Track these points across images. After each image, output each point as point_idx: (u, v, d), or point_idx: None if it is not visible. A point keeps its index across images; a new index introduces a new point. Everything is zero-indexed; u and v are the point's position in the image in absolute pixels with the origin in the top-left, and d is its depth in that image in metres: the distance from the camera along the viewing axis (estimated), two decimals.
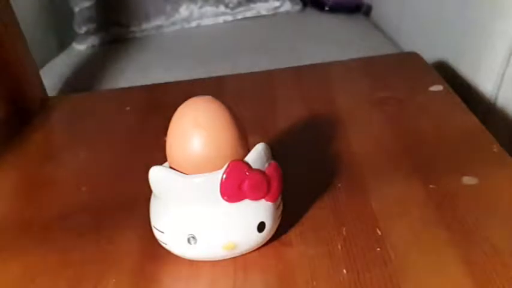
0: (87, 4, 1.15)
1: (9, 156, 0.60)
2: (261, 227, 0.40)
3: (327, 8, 1.20)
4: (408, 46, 0.95)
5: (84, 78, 0.99)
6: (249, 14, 1.19)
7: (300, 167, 0.51)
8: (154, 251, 0.42)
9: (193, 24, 1.17)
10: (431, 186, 0.47)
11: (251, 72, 0.76)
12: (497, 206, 0.45)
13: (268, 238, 0.42)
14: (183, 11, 1.16)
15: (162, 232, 0.40)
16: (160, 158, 0.41)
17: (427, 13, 0.90)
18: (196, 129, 0.39)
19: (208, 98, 0.41)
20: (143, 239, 0.44)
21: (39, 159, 0.60)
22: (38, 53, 0.84)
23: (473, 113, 0.57)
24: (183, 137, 0.39)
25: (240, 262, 0.41)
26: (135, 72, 0.96)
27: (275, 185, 0.40)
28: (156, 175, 0.40)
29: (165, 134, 0.41)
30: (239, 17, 1.19)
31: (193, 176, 0.39)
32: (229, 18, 1.18)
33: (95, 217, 0.48)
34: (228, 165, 0.38)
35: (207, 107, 0.40)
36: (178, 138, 0.40)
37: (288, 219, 0.44)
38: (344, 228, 0.43)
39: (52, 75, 0.98)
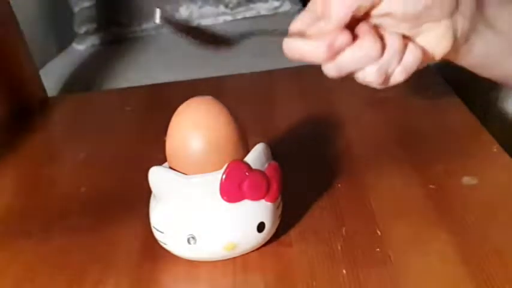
0: (87, 4, 1.15)
1: (9, 156, 0.60)
2: (260, 227, 0.40)
3: None
4: None
5: (84, 78, 0.99)
6: (248, 14, 1.19)
7: (300, 167, 0.51)
8: (154, 251, 0.42)
9: (193, 24, 1.17)
10: (431, 186, 0.47)
11: (251, 72, 0.76)
12: (497, 206, 0.44)
13: (268, 238, 0.42)
14: (183, 11, 1.16)
15: (161, 232, 0.40)
16: (161, 158, 0.41)
17: None
18: (196, 130, 0.39)
19: (208, 98, 0.41)
20: (143, 239, 0.44)
21: (39, 159, 0.60)
22: (38, 53, 0.84)
23: (473, 113, 0.57)
24: (182, 138, 0.39)
25: (239, 262, 0.41)
26: (135, 72, 0.96)
27: (275, 185, 0.40)
28: (156, 175, 0.40)
29: (165, 134, 0.41)
30: (239, 17, 1.19)
31: (192, 176, 0.39)
32: (229, 18, 1.18)
33: (95, 217, 0.48)
34: (228, 165, 0.38)
35: (206, 107, 0.40)
36: (178, 139, 0.40)
37: (288, 219, 0.43)
38: (344, 228, 0.43)
39: (52, 75, 0.98)
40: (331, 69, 0.42)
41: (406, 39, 0.43)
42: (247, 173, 0.39)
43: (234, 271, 0.41)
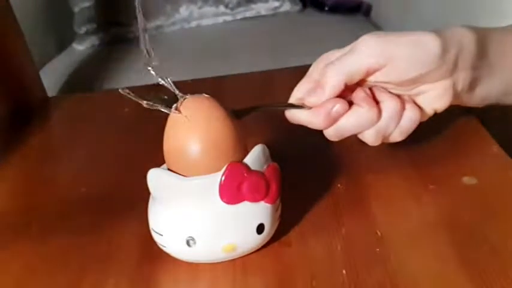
0: (87, 4, 1.15)
1: (9, 156, 0.60)
2: (260, 228, 0.40)
3: (326, 8, 1.20)
4: None
5: (84, 79, 1.00)
6: (248, 14, 1.19)
7: (300, 167, 0.51)
8: (153, 252, 0.42)
9: (193, 24, 1.17)
10: (431, 186, 0.47)
11: (251, 72, 0.76)
12: (497, 206, 0.44)
13: (267, 240, 0.41)
14: (183, 11, 1.16)
15: (160, 235, 0.40)
16: (160, 159, 0.41)
17: (426, 13, 0.90)
18: (194, 131, 0.39)
19: (205, 97, 0.40)
20: (142, 240, 0.44)
21: (39, 159, 0.60)
22: (38, 53, 0.85)
23: (473, 113, 0.57)
24: (180, 139, 0.39)
25: (239, 263, 0.41)
26: (134, 73, 0.96)
27: (274, 186, 0.40)
28: (155, 178, 0.40)
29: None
30: (239, 17, 1.19)
31: (191, 178, 0.39)
32: (229, 18, 1.18)
33: (95, 217, 0.48)
34: (227, 167, 0.38)
35: (203, 106, 0.40)
36: (175, 140, 0.40)
37: (287, 219, 0.43)
38: (344, 228, 0.43)
39: (52, 75, 0.98)
40: (331, 135, 0.44)
41: (404, 99, 0.44)
42: (246, 175, 0.39)
43: (233, 271, 0.41)
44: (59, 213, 0.50)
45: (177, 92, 0.40)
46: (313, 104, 0.43)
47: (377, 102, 0.43)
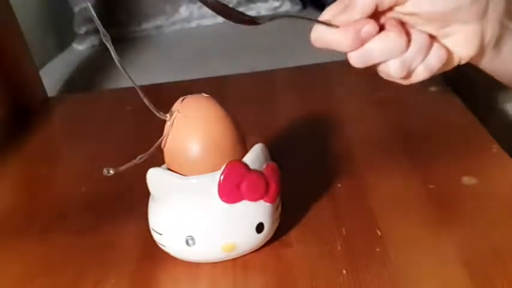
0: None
1: (9, 156, 0.60)
2: (259, 228, 0.40)
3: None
4: None
5: (84, 78, 0.99)
6: (248, 14, 1.19)
7: (300, 167, 0.51)
8: (153, 252, 0.42)
9: (193, 24, 1.17)
10: (431, 186, 0.47)
11: (251, 72, 0.76)
12: (497, 206, 0.44)
13: (267, 239, 0.41)
14: (183, 11, 1.16)
15: (160, 234, 0.40)
16: (161, 159, 0.41)
17: None
18: (194, 130, 0.39)
19: (205, 97, 0.40)
20: (143, 240, 0.44)
21: (39, 159, 0.60)
22: (38, 53, 0.84)
23: (474, 113, 0.57)
24: (180, 138, 0.39)
25: (239, 263, 0.41)
26: (135, 73, 0.96)
27: (273, 185, 0.40)
28: (154, 177, 0.40)
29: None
30: None
31: (191, 177, 0.39)
32: None
33: (95, 217, 0.48)
34: (226, 165, 0.38)
35: (203, 106, 0.40)
36: (175, 139, 0.40)
37: (287, 219, 0.43)
38: (344, 228, 0.43)
39: (52, 75, 0.98)
40: (356, 59, 0.42)
41: (432, 38, 0.43)
42: (245, 174, 0.39)
43: (234, 271, 0.41)
44: (59, 213, 0.50)
45: (156, 112, 0.40)
46: (342, 23, 0.41)
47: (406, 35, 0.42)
